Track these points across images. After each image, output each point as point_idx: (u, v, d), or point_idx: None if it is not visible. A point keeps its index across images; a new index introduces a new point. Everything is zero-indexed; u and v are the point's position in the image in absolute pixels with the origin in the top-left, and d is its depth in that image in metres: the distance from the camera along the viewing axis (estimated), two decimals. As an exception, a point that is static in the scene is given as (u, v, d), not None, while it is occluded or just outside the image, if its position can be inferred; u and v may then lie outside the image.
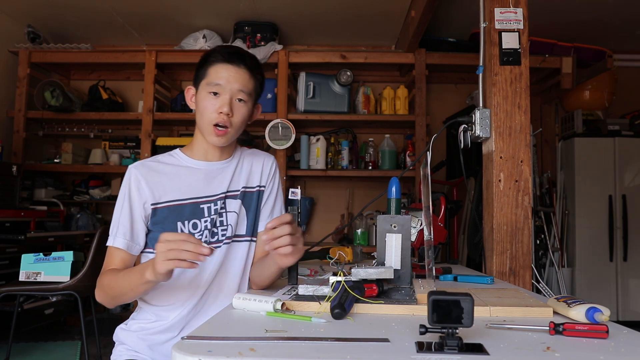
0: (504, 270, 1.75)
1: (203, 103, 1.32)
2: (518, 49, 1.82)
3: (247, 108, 1.35)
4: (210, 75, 1.32)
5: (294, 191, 1.22)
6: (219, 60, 1.33)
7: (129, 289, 1.17)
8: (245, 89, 1.33)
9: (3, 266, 3.05)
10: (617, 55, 4.20)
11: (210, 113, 1.31)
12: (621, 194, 3.94)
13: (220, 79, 1.31)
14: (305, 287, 1.05)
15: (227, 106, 1.30)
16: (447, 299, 0.71)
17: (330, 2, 3.44)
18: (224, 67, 1.32)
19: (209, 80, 1.32)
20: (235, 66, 1.32)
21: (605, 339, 0.78)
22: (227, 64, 1.32)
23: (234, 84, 1.31)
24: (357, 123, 4.01)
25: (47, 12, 3.68)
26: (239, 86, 1.32)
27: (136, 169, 1.35)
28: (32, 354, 3.04)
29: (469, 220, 3.35)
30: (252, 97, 1.36)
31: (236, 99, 1.32)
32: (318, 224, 4.29)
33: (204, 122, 1.33)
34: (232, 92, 1.31)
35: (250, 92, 1.35)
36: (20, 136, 3.81)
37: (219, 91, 1.31)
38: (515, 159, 1.79)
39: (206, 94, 1.32)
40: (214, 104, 1.31)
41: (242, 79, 1.32)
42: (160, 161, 1.40)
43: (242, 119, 1.34)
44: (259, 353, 0.69)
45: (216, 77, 1.31)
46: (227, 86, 1.30)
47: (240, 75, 1.32)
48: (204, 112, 1.33)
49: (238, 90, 1.32)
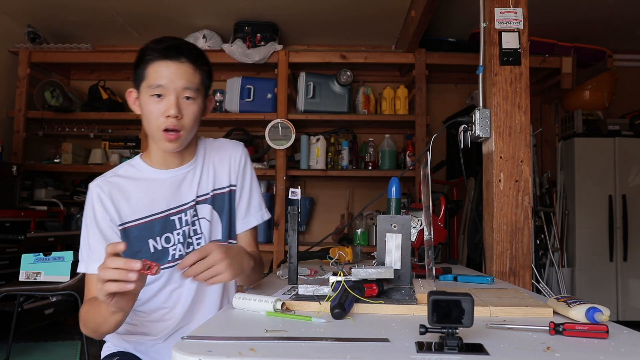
0: (504, 270, 1.75)
1: (147, 107, 1.21)
2: (518, 49, 1.82)
3: (197, 105, 1.24)
4: (150, 77, 1.20)
5: (294, 191, 1.23)
6: (155, 57, 1.19)
7: (102, 320, 1.07)
8: (192, 85, 1.21)
9: (3, 266, 3.05)
10: (617, 55, 4.20)
11: (156, 118, 1.20)
12: (621, 194, 3.94)
13: (161, 78, 1.18)
14: (305, 287, 1.05)
15: (174, 108, 1.18)
16: (447, 299, 0.71)
17: (330, 2, 3.44)
18: (163, 64, 1.19)
19: (149, 82, 1.20)
20: (176, 61, 1.19)
21: (605, 339, 0.78)
22: (166, 60, 1.19)
23: (177, 82, 1.19)
24: (357, 123, 4.01)
25: (47, 12, 3.68)
26: (183, 83, 1.19)
27: (99, 188, 1.26)
28: (32, 354, 3.04)
29: (469, 220, 3.35)
30: (200, 92, 1.24)
31: (183, 97, 1.20)
32: (318, 224, 4.29)
33: (152, 128, 1.22)
34: (177, 92, 1.19)
35: (197, 88, 1.22)
36: (20, 136, 3.81)
37: (162, 93, 1.19)
38: (515, 159, 1.79)
39: (149, 98, 1.20)
40: (159, 107, 1.19)
41: (185, 74, 1.20)
42: (122, 175, 1.30)
43: (193, 119, 1.23)
44: (259, 353, 0.69)
45: (156, 78, 1.19)
46: (170, 86, 1.18)
47: (183, 71, 1.20)
48: (150, 118, 1.21)
49: (183, 88, 1.20)
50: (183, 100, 1.20)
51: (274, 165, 3.80)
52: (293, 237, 1.24)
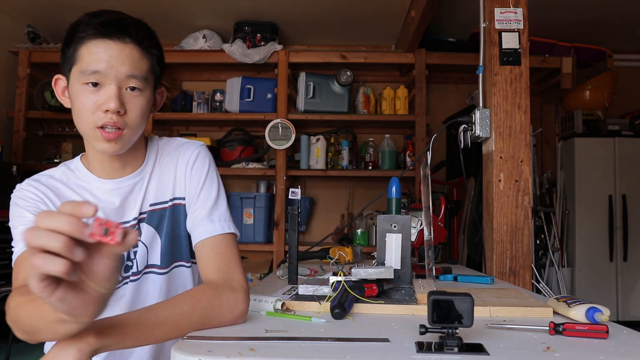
0: (504, 270, 1.75)
1: (79, 99, 0.94)
2: (518, 49, 1.82)
3: (145, 97, 0.97)
4: (83, 59, 0.92)
5: (294, 191, 1.23)
6: (90, 35, 0.92)
7: (43, 324, 0.70)
8: (138, 72, 0.95)
9: (3, 266, 3.05)
10: (617, 55, 4.20)
11: (91, 113, 0.93)
12: (621, 194, 3.94)
13: (98, 62, 0.91)
14: (305, 287, 1.05)
15: (114, 100, 0.92)
16: (447, 299, 0.71)
17: (330, 2, 3.44)
18: (101, 44, 0.92)
19: (82, 67, 0.92)
20: (118, 41, 0.93)
21: (605, 339, 0.78)
22: (105, 39, 0.92)
23: (119, 68, 0.92)
24: (357, 123, 4.01)
25: (47, 12, 3.68)
26: (127, 70, 0.93)
27: (32, 188, 1.00)
28: (32, 354, 3.04)
29: (469, 220, 3.35)
30: (149, 81, 0.98)
31: (127, 88, 0.95)
32: (318, 224, 4.29)
33: (85, 125, 0.95)
34: (119, 80, 0.93)
35: (145, 76, 0.96)
36: (20, 136, 3.81)
37: (99, 80, 0.92)
38: (515, 159, 1.79)
39: (81, 87, 0.93)
40: (94, 99, 0.93)
41: (130, 58, 0.93)
42: (58, 179, 1.04)
43: (140, 114, 0.97)
44: (259, 353, 0.69)
45: (92, 62, 0.92)
46: (110, 72, 0.92)
47: (127, 54, 0.93)
48: (82, 112, 0.94)
49: (127, 75, 0.93)
50: (127, 91, 0.95)
51: (274, 165, 3.80)
52: (293, 237, 1.24)
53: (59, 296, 0.57)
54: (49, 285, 0.56)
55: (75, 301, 0.59)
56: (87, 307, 0.61)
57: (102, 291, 0.60)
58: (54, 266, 0.53)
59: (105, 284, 0.60)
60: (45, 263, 0.53)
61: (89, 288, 0.60)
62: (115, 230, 0.55)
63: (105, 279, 0.60)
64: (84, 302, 0.60)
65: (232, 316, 0.86)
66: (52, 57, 3.92)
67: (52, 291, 0.56)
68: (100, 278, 0.59)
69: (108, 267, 0.59)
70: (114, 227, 0.55)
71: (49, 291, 0.56)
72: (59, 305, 0.58)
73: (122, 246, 0.57)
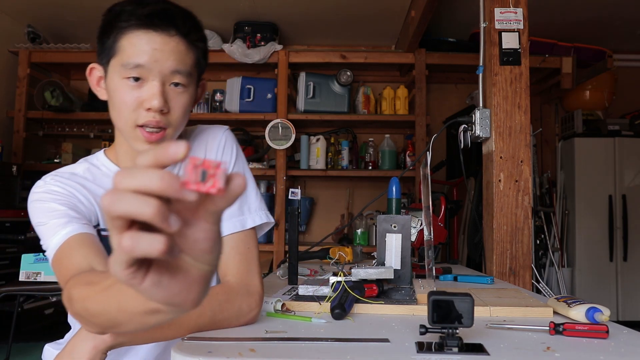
0: (504, 270, 1.75)
1: (119, 95, 0.87)
2: (518, 49, 1.82)
3: (189, 94, 0.92)
4: (125, 51, 0.86)
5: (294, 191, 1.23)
6: (134, 25, 0.85)
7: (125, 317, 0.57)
8: (183, 67, 0.88)
9: (3, 266, 3.06)
10: (617, 55, 4.20)
11: (132, 110, 0.87)
12: (621, 194, 3.95)
13: (141, 55, 0.85)
14: (305, 288, 1.05)
15: (158, 98, 0.86)
16: (447, 299, 0.71)
17: (330, 2, 3.44)
18: (144, 36, 0.85)
19: (123, 59, 0.86)
20: (163, 34, 0.85)
21: (605, 339, 0.78)
22: (149, 30, 0.85)
23: (164, 63, 0.86)
24: (357, 123, 4.02)
25: (47, 12, 3.68)
26: (172, 65, 0.87)
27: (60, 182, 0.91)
28: (32, 354, 3.04)
29: (469, 220, 3.35)
30: (193, 76, 0.92)
31: (171, 83, 0.88)
32: (318, 224, 4.29)
33: (124, 122, 0.89)
34: (162, 76, 0.87)
35: (190, 71, 0.90)
36: (21, 136, 3.81)
37: (141, 75, 0.86)
38: (515, 159, 1.79)
39: (121, 81, 0.87)
40: (136, 96, 0.87)
41: (176, 52, 0.87)
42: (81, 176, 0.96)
43: (183, 113, 0.91)
44: (259, 354, 0.69)
45: (133, 54, 0.85)
46: (154, 67, 0.85)
47: (172, 48, 0.86)
48: (121, 109, 0.88)
49: (172, 71, 0.87)
50: (170, 87, 0.89)
51: (274, 165, 3.80)
52: (293, 237, 1.24)
53: (153, 281, 0.42)
54: (139, 270, 0.41)
55: (174, 285, 0.43)
56: (190, 291, 0.45)
57: (205, 268, 0.44)
58: (151, 245, 0.38)
59: (207, 258, 0.44)
60: (139, 242, 0.38)
61: (187, 265, 0.44)
62: (216, 171, 0.39)
63: (207, 251, 0.43)
64: (185, 285, 0.44)
65: (243, 320, 0.85)
66: (52, 57, 3.93)
67: (143, 276, 0.42)
68: (200, 250, 0.43)
69: (209, 234, 0.43)
70: (214, 168, 0.39)
71: (139, 277, 0.41)
72: (155, 293, 0.43)
73: (226, 196, 0.41)
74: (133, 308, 0.54)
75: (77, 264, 0.78)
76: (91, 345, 0.72)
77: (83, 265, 0.77)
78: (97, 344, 0.73)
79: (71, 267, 0.78)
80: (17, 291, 2.57)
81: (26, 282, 2.59)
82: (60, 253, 0.81)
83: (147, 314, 0.53)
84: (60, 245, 0.82)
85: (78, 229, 0.83)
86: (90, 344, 0.72)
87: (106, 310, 0.60)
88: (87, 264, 0.78)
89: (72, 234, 0.82)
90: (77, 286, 0.68)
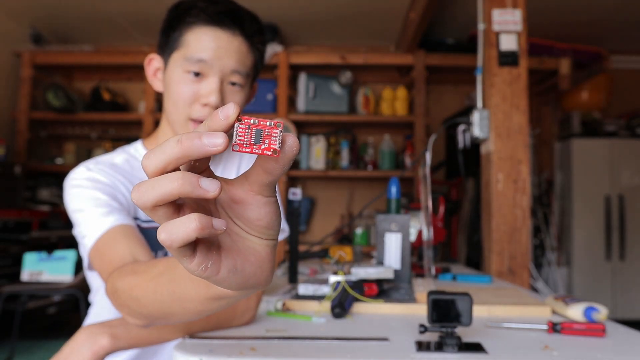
0: (503, 270, 1.77)
1: (177, 87, 0.89)
2: (516, 51, 1.83)
3: (244, 94, 0.93)
4: (190, 45, 0.88)
5: (294, 191, 1.23)
6: (202, 21, 0.88)
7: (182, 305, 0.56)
8: (242, 68, 0.90)
9: (6, 266, 3.06)
10: (615, 57, 4.21)
11: (188, 104, 0.89)
12: (618, 194, 3.96)
13: (205, 51, 0.87)
14: (305, 287, 1.05)
15: (215, 94, 0.87)
16: (446, 299, 0.71)
17: (331, 3, 3.45)
18: (211, 33, 0.87)
19: (187, 53, 0.88)
20: (228, 32, 0.88)
21: (602, 338, 0.79)
22: (216, 28, 0.88)
23: (226, 61, 0.88)
24: (356, 124, 4.02)
25: (50, 13, 3.68)
26: (233, 64, 0.89)
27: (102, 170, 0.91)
28: (35, 353, 3.05)
29: (468, 220, 3.36)
30: (250, 78, 0.94)
31: (229, 82, 0.90)
32: (318, 224, 4.30)
33: (178, 115, 0.90)
34: (223, 73, 0.89)
35: (248, 72, 0.92)
36: (24, 137, 3.82)
37: (202, 71, 0.88)
38: (513, 159, 1.80)
39: (182, 74, 0.88)
40: (194, 89, 0.88)
41: (238, 51, 0.89)
42: (119, 166, 0.95)
43: None
44: (259, 352, 0.69)
45: (198, 49, 0.87)
46: (215, 64, 0.88)
47: (236, 47, 0.89)
48: (177, 101, 0.89)
49: (232, 70, 0.89)
50: (228, 85, 0.90)
51: (274, 165, 3.80)
52: (293, 237, 1.25)
53: (228, 269, 0.39)
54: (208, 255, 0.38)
55: (248, 268, 0.41)
56: (263, 269, 0.42)
57: (271, 243, 0.42)
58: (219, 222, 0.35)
59: (270, 233, 0.42)
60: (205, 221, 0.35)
61: (254, 245, 0.41)
62: (272, 131, 0.35)
63: (269, 226, 0.41)
64: (257, 266, 0.42)
65: (240, 321, 0.84)
66: (55, 59, 3.94)
67: (217, 268, 0.39)
68: (263, 227, 0.41)
69: (268, 208, 0.40)
70: (271, 128, 0.35)
71: (214, 269, 0.39)
72: (232, 280, 0.40)
73: (281, 159, 0.36)
74: (193, 296, 0.52)
75: (121, 256, 0.78)
76: (90, 352, 0.71)
77: (126, 257, 0.77)
78: (96, 350, 0.71)
79: (114, 258, 0.77)
80: (20, 290, 2.58)
81: (29, 282, 2.60)
82: (101, 243, 0.81)
83: (211, 301, 0.51)
84: (102, 235, 0.81)
85: (120, 220, 0.83)
86: (89, 350, 0.71)
87: (158, 300, 0.58)
88: (130, 256, 0.77)
89: (115, 224, 0.82)
90: (123, 276, 0.67)
